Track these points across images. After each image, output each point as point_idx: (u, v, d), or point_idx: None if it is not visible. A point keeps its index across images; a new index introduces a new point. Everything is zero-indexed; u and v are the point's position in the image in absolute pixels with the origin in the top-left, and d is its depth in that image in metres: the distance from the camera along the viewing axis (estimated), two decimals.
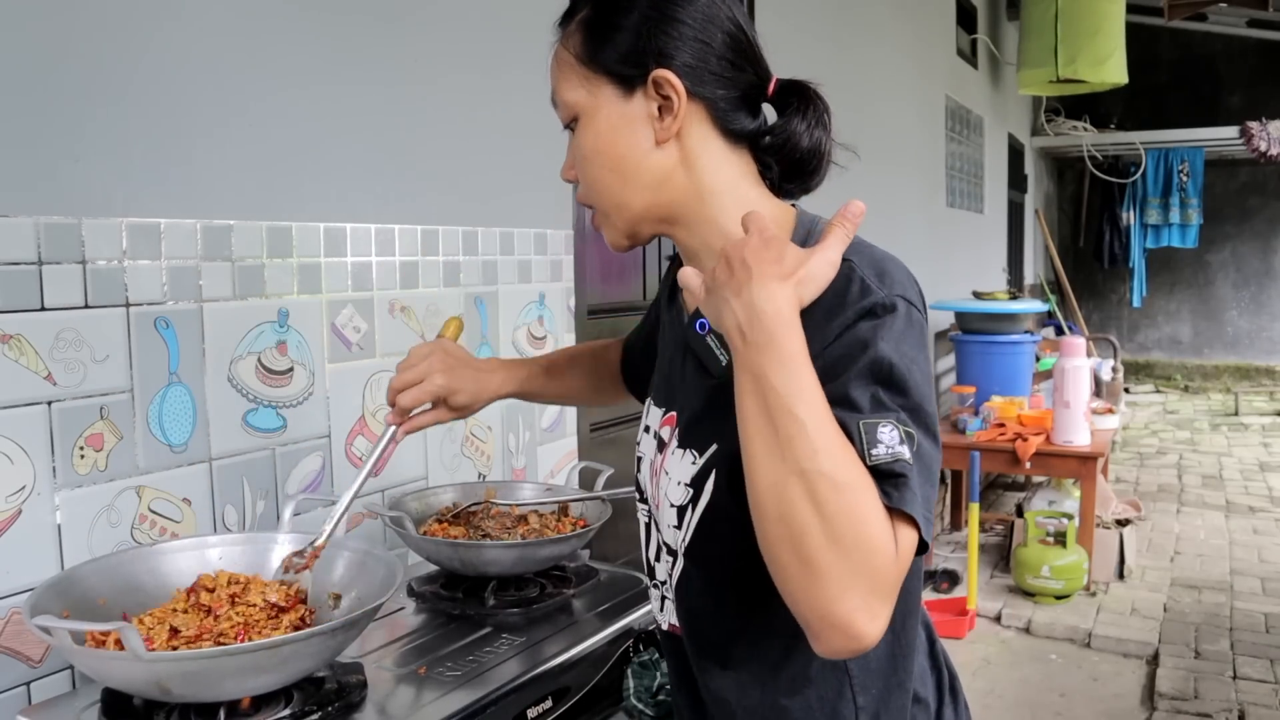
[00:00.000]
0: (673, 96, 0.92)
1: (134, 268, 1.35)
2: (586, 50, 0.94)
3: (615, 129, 0.94)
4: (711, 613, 0.98)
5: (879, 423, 0.77)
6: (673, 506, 0.96)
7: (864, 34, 4.51)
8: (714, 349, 0.90)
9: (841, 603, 0.71)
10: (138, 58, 1.36)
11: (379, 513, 1.64)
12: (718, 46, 0.93)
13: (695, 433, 0.95)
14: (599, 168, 0.96)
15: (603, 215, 0.99)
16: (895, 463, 0.76)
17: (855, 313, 0.83)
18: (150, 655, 0.95)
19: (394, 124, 1.79)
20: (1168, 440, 7.76)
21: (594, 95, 0.94)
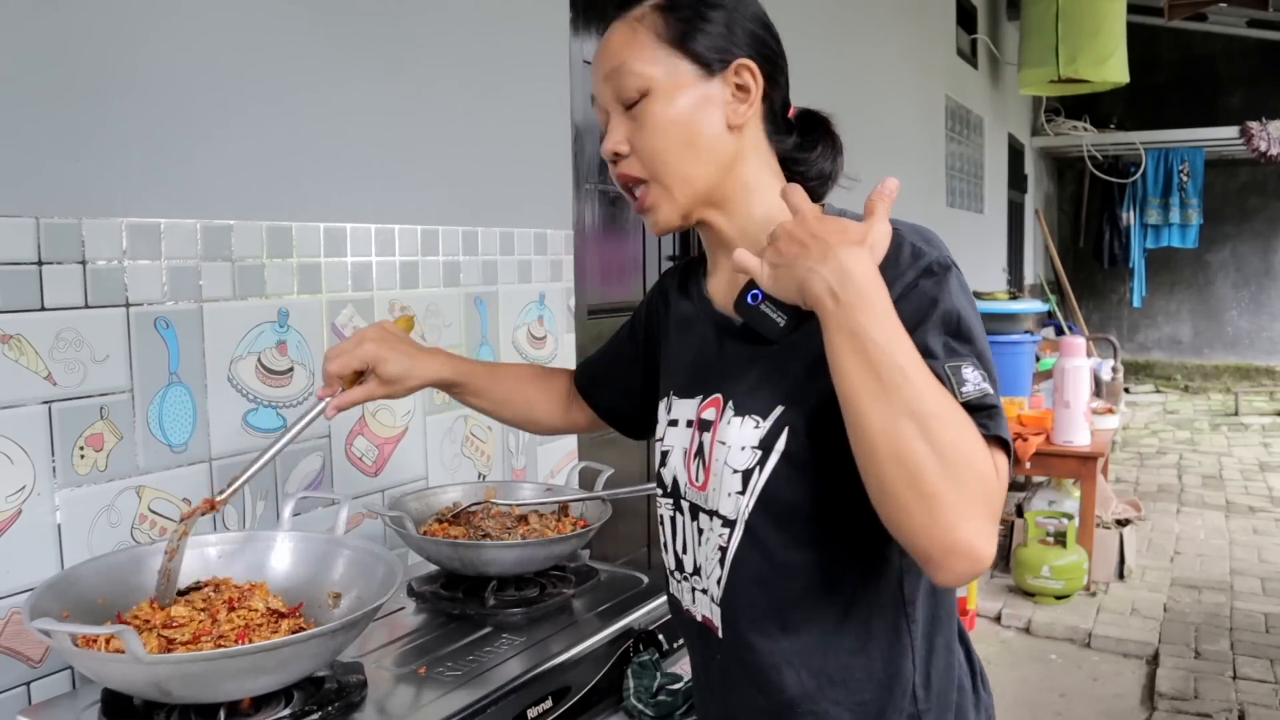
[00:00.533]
0: (750, 85, 1.00)
1: (134, 268, 1.35)
2: (668, 29, 0.99)
3: (694, 105, 0.99)
4: (774, 577, 0.98)
5: (961, 365, 0.86)
6: (736, 472, 0.98)
7: (864, 34, 4.51)
8: (770, 315, 0.93)
9: (962, 528, 0.78)
10: (138, 58, 1.36)
11: (379, 513, 1.64)
12: (775, 49, 1.03)
13: (754, 400, 0.98)
14: (672, 139, 0.99)
15: (663, 190, 1.01)
16: (984, 397, 0.85)
17: (916, 272, 0.90)
18: (150, 657, 0.95)
19: (394, 124, 1.78)
20: (1168, 440, 7.76)
21: (671, 72, 0.99)
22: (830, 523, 0.95)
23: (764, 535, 0.97)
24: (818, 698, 0.98)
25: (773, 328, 0.93)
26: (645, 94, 0.99)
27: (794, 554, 0.97)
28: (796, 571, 0.97)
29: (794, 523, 0.96)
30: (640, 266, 2.87)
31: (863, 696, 0.98)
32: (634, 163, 1.02)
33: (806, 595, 0.98)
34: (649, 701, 1.35)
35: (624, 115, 1.01)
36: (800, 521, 0.96)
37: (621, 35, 1.01)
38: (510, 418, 1.37)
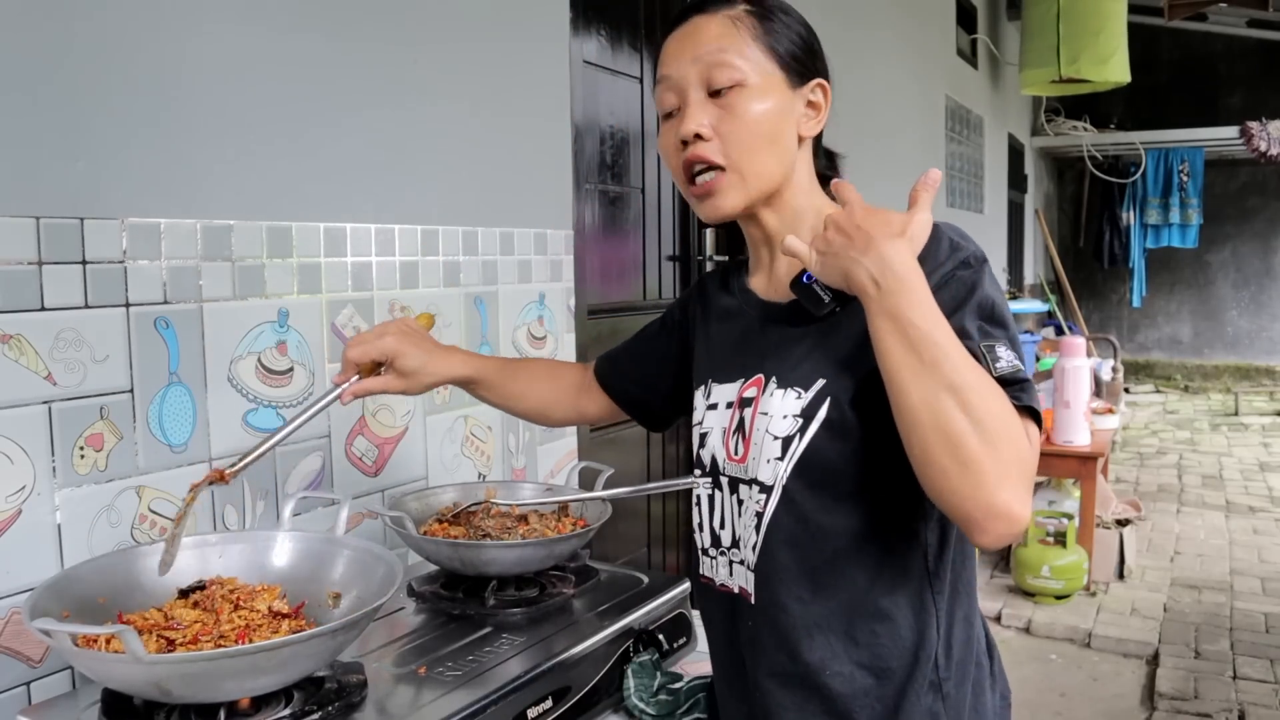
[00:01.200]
0: (821, 103, 1.11)
1: (134, 268, 1.35)
2: (767, 38, 1.07)
3: (780, 108, 1.08)
4: (806, 539, 1.03)
5: (995, 344, 0.94)
6: (776, 439, 1.03)
7: (864, 34, 4.51)
8: (819, 292, 1.01)
9: (1001, 492, 0.86)
10: (138, 58, 1.36)
11: (379, 513, 1.64)
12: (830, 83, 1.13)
13: (796, 374, 1.04)
14: (759, 134, 1.07)
15: (739, 178, 1.08)
16: (1016, 372, 0.93)
17: (954, 263, 0.99)
18: (150, 657, 0.95)
19: (394, 124, 1.78)
20: (1168, 440, 7.76)
21: (767, 75, 1.07)
22: (864, 489, 1.01)
23: (800, 499, 1.02)
24: (844, 660, 1.02)
25: (818, 303, 1.01)
26: (738, 85, 1.05)
27: (826, 518, 1.02)
28: (828, 535, 1.02)
29: (829, 488, 1.01)
30: (640, 266, 2.87)
31: (888, 663, 1.02)
32: (713, 147, 1.07)
33: (837, 559, 1.02)
34: (649, 701, 1.35)
35: (707, 101, 1.07)
36: (835, 486, 1.01)
37: (720, 26, 1.07)
38: (523, 412, 1.43)
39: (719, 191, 1.08)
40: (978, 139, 6.89)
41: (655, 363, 1.35)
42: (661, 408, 1.38)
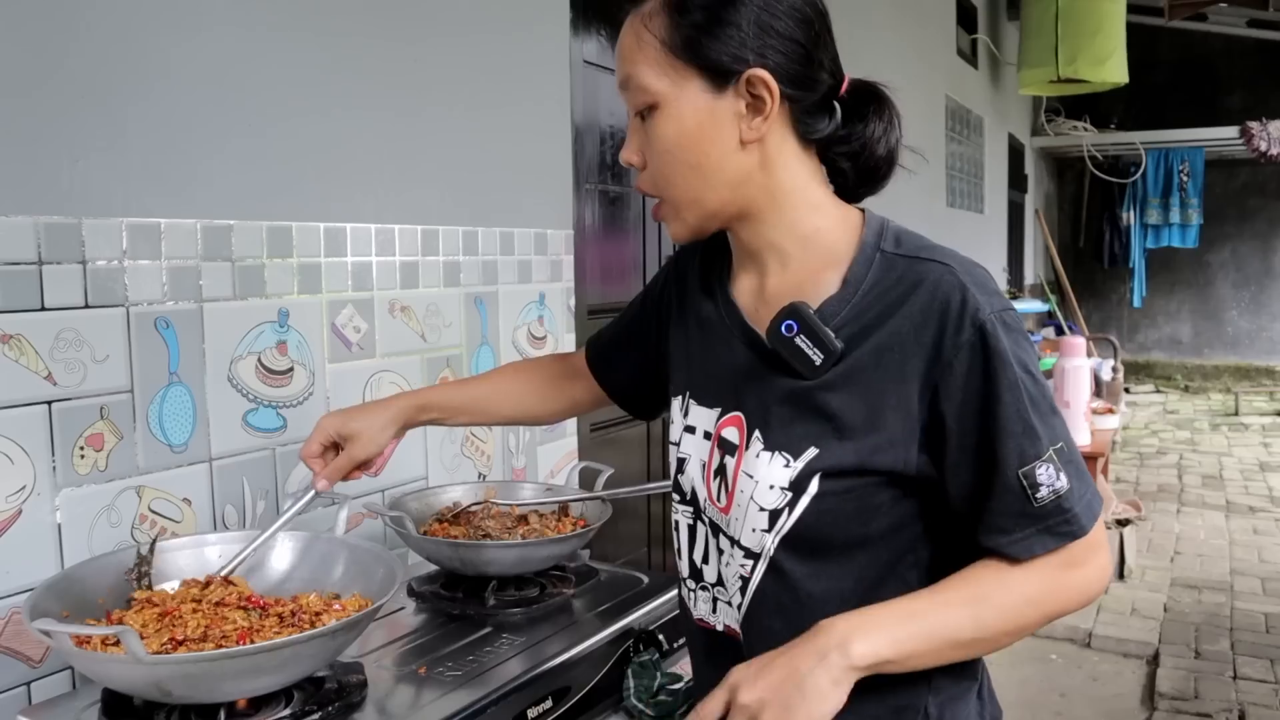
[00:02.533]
0: (765, 97, 0.90)
1: (134, 268, 1.35)
2: (675, 35, 0.91)
3: (700, 125, 0.92)
4: (795, 607, 0.96)
5: (1036, 464, 0.87)
6: (763, 510, 0.94)
7: (864, 34, 4.51)
8: (806, 350, 0.91)
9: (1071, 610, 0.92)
10: (138, 58, 1.36)
11: (379, 513, 1.64)
12: (808, 46, 0.92)
13: (785, 437, 0.94)
14: (678, 162, 0.93)
15: (672, 209, 0.97)
16: (1058, 499, 0.88)
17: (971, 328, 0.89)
18: (150, 658, 0.95)
19: (394, 124, 1.78)
20: (1168, 440, 7.76)
21: (679, 86, 0.91)
22: (855, 550, 0.95)
23: (788, 567, 0.96)
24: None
25: (808, 364, 0.91)
26: (654, 107, 0.93)
27: (816, 584, 0.96)
28: (818, 600, 0.96)
29: (819, 555, 0.95)
30: (640, 266, 2.87)
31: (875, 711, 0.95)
32: (646, 176, 0.98)
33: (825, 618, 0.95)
34: (649, 701, 1.35)
35: (640, 124, 0.96)
36: (825, 554, 0.95)
37: (629, 38, 0.94)
38: (506, 419, 1.37)
39: (666, 220, 0.99)
40: (978, 139, 6.89)
41: (639, 347, 1.23)
42: (650, 396, 1.27)
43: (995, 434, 0.87)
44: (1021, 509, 0.88)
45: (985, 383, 0.87)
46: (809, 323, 0.91)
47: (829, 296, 0.93)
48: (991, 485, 0.89)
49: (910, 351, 0.89)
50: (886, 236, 0.95)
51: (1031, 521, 0.88)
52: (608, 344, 1.29)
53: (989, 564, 0.91)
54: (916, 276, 0.90)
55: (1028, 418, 0.87)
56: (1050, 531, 0.88)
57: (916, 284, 0.90)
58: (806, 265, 0.97)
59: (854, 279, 0.93)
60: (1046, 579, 0.90)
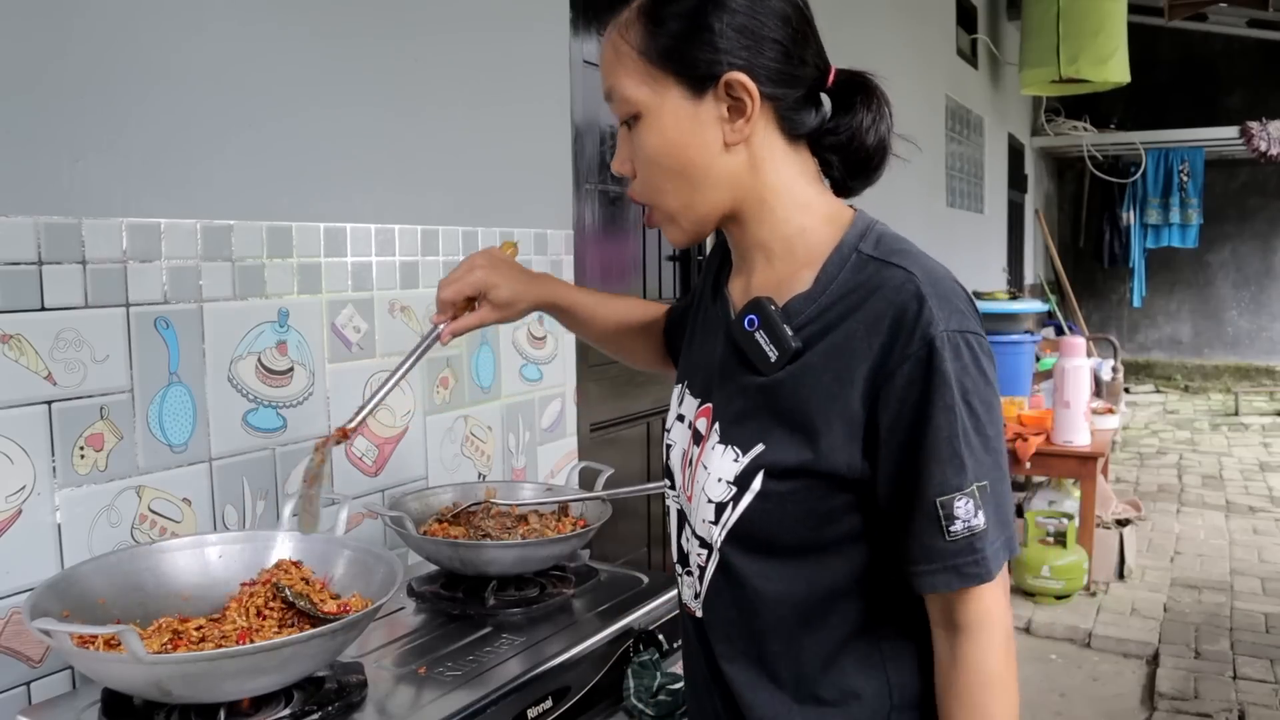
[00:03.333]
0: (745, 100, 0.90)
1: (134, 268, 1.35)
2: (651, 44, 0.91)
3: (683, 131, 0.92)
4: (747, 605, 0.97)
5: (954, 496, 0.85)
6: (710, 502, 0.95)
7: (864, 34, 4.51)
8: (763, 346, 0.91)
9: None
10: (138, 58, 1.35)
11: (379, 513, 1.64)
12: (788, 44, 0.91)
13: (738, 431, 0.94)
14: (663, 171, 0.94)
15: (665, 216, 0.97)
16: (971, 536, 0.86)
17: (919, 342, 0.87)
18: (150, 658, 0.95)
19: (394, 124, 1.78)
20: (1168, 440, 7.75)
21: (659, 94, 0.91)
22: (804, 555, 0.94)
23: (736, 563, 0.96)
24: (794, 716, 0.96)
25: (764, 360, 0.92)
26: (638, 116, 0.93)
27: (766, 584, 0.95)
28: (768, 601, 0.95)
29: (766, 554, 0.94)
30: (640, 266, 2.87)
31: None
32: (637, 186, 0.98)
33: (780, 626, 0.96)
34: (649, 701, 1.35)
35: (628, 133, 0.96)
36: (771, 554, 0.94)
37: (609, 50, 0.95)
38: (611, 352, 1.36)
39: (661, 227, 0.99)
40: (978, 139, 6.89)
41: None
42: None
43: (921, 455, 0.86)
44: (933, 540, 0.87)
45: (921, 400, 0.85)
46: (769, 319, 0.92)
47: (798, 294, 0.93)
48: (910, 507, 0.87)
49: (859, 355, 0.88)
50: (868, 237, 0.94)
51: (940, 555, 0.87)
52: (673, 316, 1.29)
53: None
54: (879, 280, 0.89)
55: (957, 446, 0.85)
56: (957, 571, 0.87)
57: (877, 288, 0.89)
58: (788, 264, 0.96)
59: (825, 278, 0.92)
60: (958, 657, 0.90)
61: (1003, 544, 0.88)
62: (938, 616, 0.92)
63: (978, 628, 0.89)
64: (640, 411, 2.81)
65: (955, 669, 0.90)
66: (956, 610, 0.89)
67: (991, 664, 0.88)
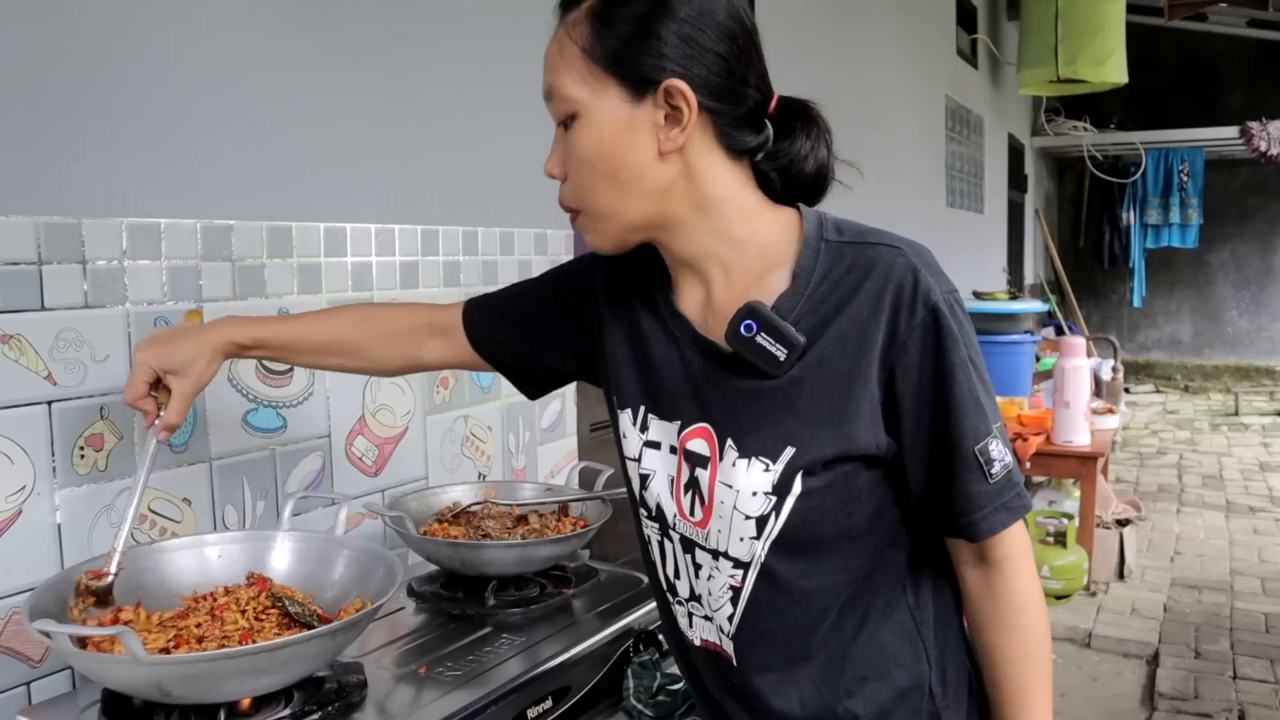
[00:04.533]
0: (683, 108, 0.89)
1: (134, 268, 1.35)
2: (596, 44, 0.90)
3: (618, 134, 0.91)
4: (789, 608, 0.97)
5: (989, 440, 0.92)
6: (749, 519, 0.94)
7: (864, 34, 4.51)
8: (769, 348, 0.91)
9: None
10: (138, 58, 1.36)
11: (379, 513, 1.64)
12: (730, 61, 0.91)
13: (758, 440, 0.93)
14: (596, 173, 0.93)
15: (591, 220, 0.96)
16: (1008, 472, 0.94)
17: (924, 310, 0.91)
18: (150, 658, 0.95)
19: (394, 124, 1.78)
20: (1168, 440, 7.75)
21: (597, 95, 0.91)
22: (845, 544, 0.97)
23: (779, 570, 0.96)
24: (836, 710, 0.99)
25: (772, 361, 0.91)
26: (574, 117, 0.92)
27: (810, 583, 0.97)
28: (812, 597, 0.97)
29: (810, 554, 0.96)
30: None
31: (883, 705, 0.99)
32: (567, 189, 0.97)
33: (823, 618, 0.98)
34: (649, 701, 1.35)
35: (562, 135, 0.95)
36: (816, 551, 0.96)
37: (554, 47, 0.94)
38: (335, 366, 1.28)
39: (585, 231, 0.98)
40: (978, 139, 6.89)
41: (541, 337, 1.18)
42: (542, 379, 1.23)
43: (951, 412, 0.91)
44: (980, 486, 0.92)
45: (938, 362, 0.90)
46: (768, 320, 0.91)
47: (781, 293, 0.94)
48: (950, 464, 0.92)
49: (869, 336, 0.90)
50: (827, 227, 0.96)
51: (990, 497, 0.93)
52: (498, 316, 1.22)
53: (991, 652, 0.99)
54: (868, 262, 0.92)
55: (977, 395, 0.91)
56: (1007, 507, 0.93)
57: (869, 269, 0.91)
58: (749, 269, 0.96)
59: (803, 272, 0.94)
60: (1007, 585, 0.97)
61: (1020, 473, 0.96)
62: (970, 558, 0.98)
63: (1012, 558, 0.96)
64: None
65: (994, 600, 0.97)
66: (995, 547, 0.96)
67: (1029, 587, 0.97)
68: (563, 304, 1.16)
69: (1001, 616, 0.97)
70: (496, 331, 1.21)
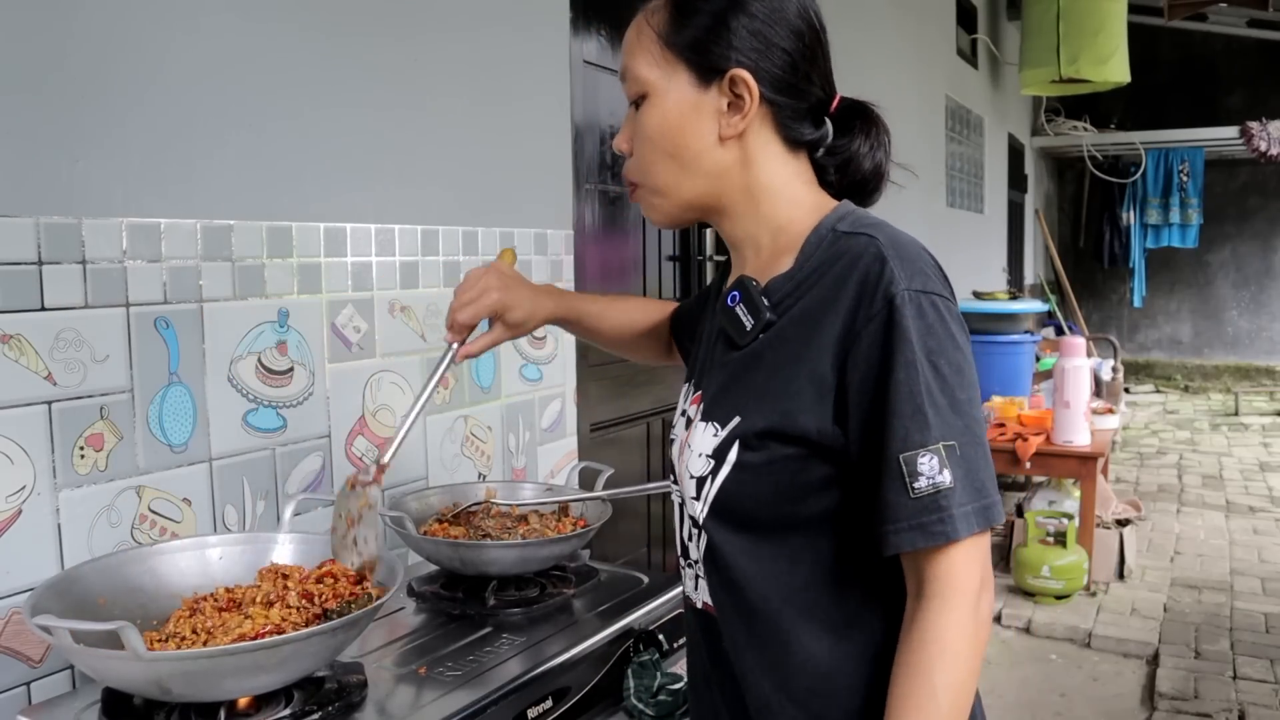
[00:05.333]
0: (745, 97, 0.95)
1: (134, 268, 1.35)
2: (672, 31, 0.96)
3: (684, 115, 0.97)
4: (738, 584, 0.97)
5: (919, 450, 0.85)
6: (692, 478, 0.98)
7: (864, 34, 4.51)
8: (742, 318, 0.96)
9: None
10: (138, 58, 1.36)
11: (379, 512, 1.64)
12: (796, 58, 0.96)
13: (718, 406, 0.98)
14: (659, 151, 0.99)
15: (651, 193, 1.02)
16: (936, 494, 0.85)
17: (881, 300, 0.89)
18: (150, 655, 0.95)
19: (394, 124, 1.78)
20: (1168, 440, 7.75)
21: (669, 78, 0.97)
22: (786, 533, 0.94)
23: (720, 540, 0.97)
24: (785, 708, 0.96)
25: (740, 330, 0.97)
26: (644, 96, 0.99)
27: (751, 565, 0.96)
28: (753, 581, 0.96)
29: (748, 531, 0.95)
30: (640, 266, 2.87)
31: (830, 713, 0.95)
32: (631, 164, 1.03)
33: (768, 607, 0.95)
34: (649, 701, 1.35)
35: (633, 114, 1.02)
36: (753, 530, 0.95)
37: (633, 31, 1.01)
38: (617, 352, 1.40)
39: (643, 207, 1.05)
40: (978, 139, 6.89)
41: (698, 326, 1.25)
42: None
43: (884, 411, 0.87)
44: (899, 497, 0.86)
45: (883, 357, 0.87)
46: (749, 293, 0.97)
47: (778, 275, 0.98)
48: (877, 466, 0.88)
49: (827, 319, 0.91)
50: (846, 219, 0.97)
51: (906, 513, 0.86)
52: (682, 313, 1.33)
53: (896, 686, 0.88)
54: (844, 249, 0.93)
55: (919, 402, 0.86)
56: (922, 529, 0.86)
57: (842, 254, 0.93)
58: (775, 252, 1.00)
59: (802, 258, 0.97)
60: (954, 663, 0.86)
61: (976, 510, 0.87)
62: (910, 586, 0.91)
63: (939, 594, 0.87)
64: (640, 411, 2.81)
65: (908, 634, 0.88)
66: (923, 573, 0.88)
67: (946, 633, 0.86)
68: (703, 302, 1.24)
69: (906, 651, 0.88)
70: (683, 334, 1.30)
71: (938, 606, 0.87)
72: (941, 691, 0.85)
